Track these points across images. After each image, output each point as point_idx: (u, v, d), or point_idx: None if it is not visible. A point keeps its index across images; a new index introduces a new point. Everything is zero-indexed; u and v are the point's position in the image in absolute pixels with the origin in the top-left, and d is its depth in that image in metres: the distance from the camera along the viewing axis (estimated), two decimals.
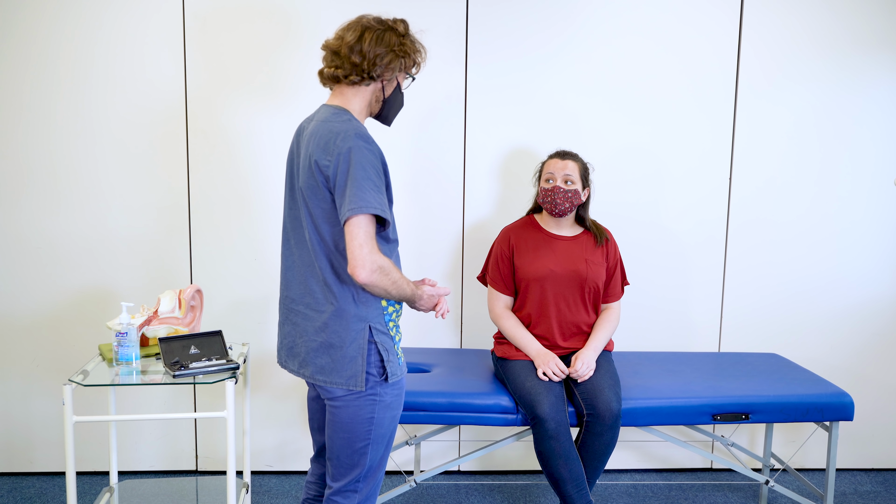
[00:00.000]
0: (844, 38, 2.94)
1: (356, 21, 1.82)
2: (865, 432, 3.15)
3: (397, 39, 1.81)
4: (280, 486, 2.96)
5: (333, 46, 1.82)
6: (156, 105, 2.82)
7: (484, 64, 2.89)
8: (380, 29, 1.80)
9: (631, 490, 2.97)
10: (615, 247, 2.61)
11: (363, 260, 1.66)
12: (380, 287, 1.71)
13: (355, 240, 1.66)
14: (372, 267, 1.67)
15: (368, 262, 1.66)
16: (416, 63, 1.87)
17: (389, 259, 1.74)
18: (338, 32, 1.83)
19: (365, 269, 1.66)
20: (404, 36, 1.83)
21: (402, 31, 1.83)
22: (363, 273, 1.66)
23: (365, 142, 1.71)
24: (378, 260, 1.68)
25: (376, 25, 1.80)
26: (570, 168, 2.50)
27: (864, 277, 3.08)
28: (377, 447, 1.84)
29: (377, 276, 1.68)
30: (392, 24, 1.82)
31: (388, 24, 1.82)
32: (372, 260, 1.67)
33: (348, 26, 1.82)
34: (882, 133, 3.00)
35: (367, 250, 1.66)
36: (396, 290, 1.76)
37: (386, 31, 1.80)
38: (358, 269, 1.66)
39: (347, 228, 1.67)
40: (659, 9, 2.89)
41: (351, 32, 1.80)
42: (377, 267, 1.68)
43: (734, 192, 3.01)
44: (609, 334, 2.56)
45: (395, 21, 1.84)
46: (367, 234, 1.67)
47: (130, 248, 2.88)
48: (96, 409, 2.89)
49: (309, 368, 1.82)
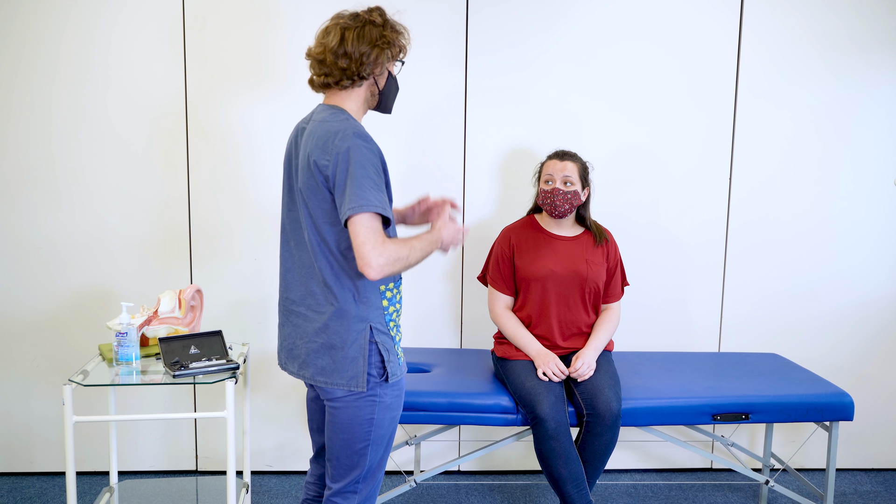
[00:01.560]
0: (844, 38, 2.94)
1: (333, 24, 1.79)
2: (865, 432, 3.15)
3: (378, 32, 1.77)
4: (280, 486, 2.96)
5: (317, 55, 1.80)
6: (156, 105, 2.82)
7: (484, 64, 2.89)
8: (358, 26, 1.77)
9: (631, 490, 2.97)
10: (615, 247, 2.62)
11: (368, 259, 1.65)
12: (395, 273, 1.71)
13: (357, 238, 1.65)
14: (378, 263, 1.65)
15: (374, 260, 1.65)
16: (401, 48, 1.84)
17: (393, 241, 1.69)
18: (318, 39, 1.81)
19: (372, 268, 1.65)
20: (384, 26, 1.79)
21: (380, 21, 1.79)
22: (372, 272, 1.65)
23: (364, 140, 1.70)
24: (384, 254, 1.66)
25: (354, 23, 1.77)
26: (569, 169, 2.50)
27: (864, 277, 3.08)
28: (377, 448, 1.84)
29: (388, 269, 1.67)
30: (368, 17, 1.78)
31: (365, 18, 1.78)
32: (377, 255, 1.65)
33: (326, 30, 1.80)
34: (882, 133, 3.00)
35: (370, 247, 1.65)
36: (416, 260, 1.75)
37: (365, 26, 1.77)
38: (366, 268, 1.65)
39: (350, 228, 1.66)
40: (659, 9, 2.89)
41: (331, 36, 1.77)
42: (384, 262, 1.66)
43: (734, 192, 3.01)
44: (609, 334, 2.56)
45: (371, 11, 1.80)
46: (369, 230, 1.65)
47: (130, 248, 2.88)
48: (96, 409, 2.89)
49: (309, 370, 1.82)
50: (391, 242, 1.68)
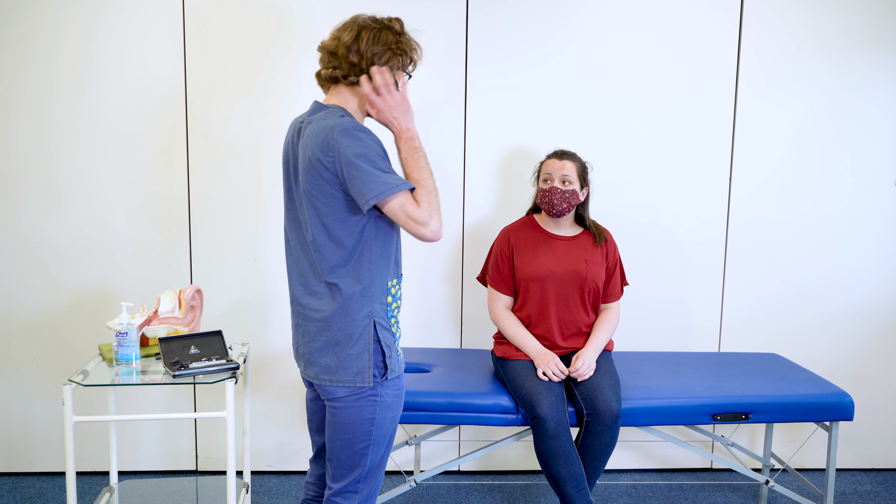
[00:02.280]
0: (844, 38, 2.94)
1: (352, 21, 1.82)
2: (865, 432, 3.15)
3: (394, 38, 1.81)
4: (280, 486, 2.96)
5: (330, 47, 1.82)
6: (156, 105, 2.82)
7: (484, 64, 2.89)
8: (376, 28, 1.80)
9: (631, 490, 2.97)
10: (614, 247, 2.61)
11: (423, 228, 1.72)
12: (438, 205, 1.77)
13: (399, 219, 1.72)
14: (430, 230, 1.73)
15: (423, 231, 1.72)
16: (412, 61, 1.87)
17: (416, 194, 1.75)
18: (333, 33, 1.83)
19: (430, 228, 1.73)
20: (400, 34, 1.82)
21: (398, 29, 1.83)
22: (429, 231, 1.73)
23: (361, 132, 1.72)
24: (423, 211, 1.72)
25: (372, 24, 1.80)
26: (567, 168, 2.50)
27: (864, 277, 3.08)
28: (377, 448, 1.84)
29: (435, 215, 1.74)
30: (388, 23, 1.82)
31: (384, 23, 1.82)
32: (425, 217, 1.72)
33: (344, 26, 1.82)
34: (882, 133, 3.00)
35: (414, 223, 1.72)
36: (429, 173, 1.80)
37: (382, 30, 1.80)
38: (425, 232, 1.73)
39: (388, 212, 1.72)
40: (659, 9, 2.89)
41: (347, 32, 1.79)
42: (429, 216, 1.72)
43: (734, 192, 3.01)
44: (609, 334, 2.56)
45: (391, 20, 1.83)
46: (403, 207, 1.71)
47: (130, 248, 2.88)
48: (96, 409, 2.89)
49: (314, 368, 1.82)
50: (418, 197, 1.74)
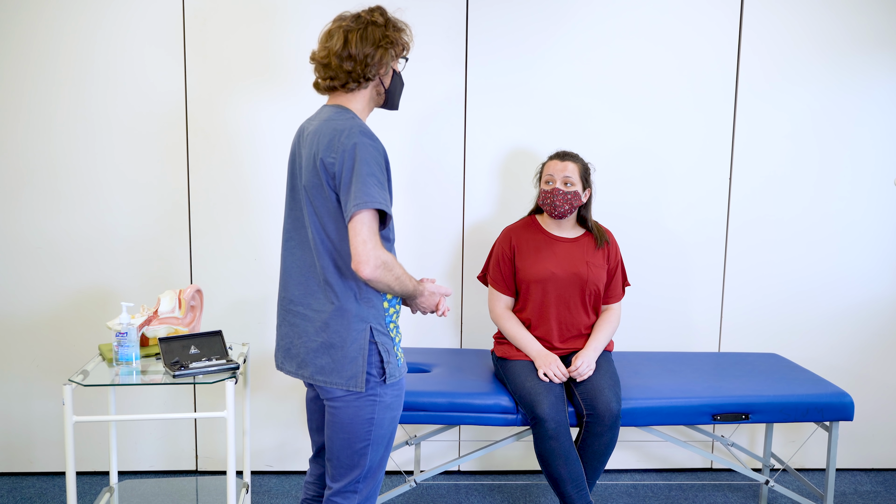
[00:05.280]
0: (844, 39, 2.94)
1: (335, 26, 1.80)
2: (865, 432, 3.15)
3: (381, 32, 1.79)
4: (280, 486, 2.96)
5: (322, 59, 1.81)
6: (156, 104, 2.82)
7: (484, 64, 2.89)
8: (361, 27, 1.78)
9: (631, 490, 2.97)
10: (616, 249, 2.61)
11: (367, 256, 1.66)
12: (383, 283, 1.71)
13: (358, 236, 1.66)
14: (376, 263, 1.67)
15: (372, 257, 1.66)
16: (405, 46, 1.86)
17: (392, 255, 1.74)
18: (321, 43, 1.82)
19: (369, 265, 1.66)
20: (386, 25, 1.80)
21: (381, 21, 1.80)
22: (367, 269, 1.66)
23: (369, 139, 1.71)
24: (381, 255, 1.68)
25: (356, 25, 1.78)
26: (569, 170, 2.50)
27: (864, 277, 3.08)
28: (377, 448, 1.84)
29: (381, 272, 1.68)
30: (370, 18, 1.80)
31: (367, 19, 1.80)
32: (376, 255, 1.67)
33: (329, 33, 1.81)
34: (882, 133, 3.00)
35: (371, 246, 1.66)
36: (399, 286, 1.76)
37: (367, 28, 1.78)
38: (362, 265, 1.66)
39: (351, 224, 1.67)
40: (659, 9, 2.89)
41: (335, 39, 1.78)
42: (381, 262, 1.68)
43: (734, 191, 3.01)
44: (609, 335, 2.56)
45: (371, 12, 1.81)
46: (371, 230, 1.67)
47: (130, 248, 2.88)
48: (96, 409, 2.89)
49: (308, 369, 1.82)
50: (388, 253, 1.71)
